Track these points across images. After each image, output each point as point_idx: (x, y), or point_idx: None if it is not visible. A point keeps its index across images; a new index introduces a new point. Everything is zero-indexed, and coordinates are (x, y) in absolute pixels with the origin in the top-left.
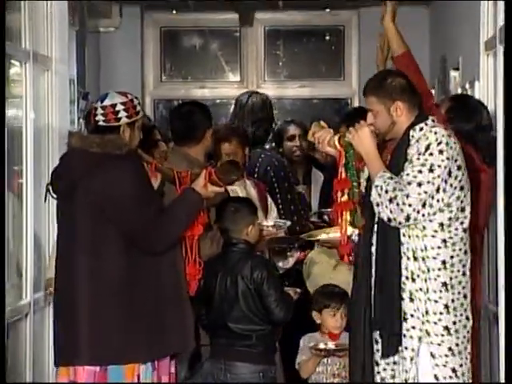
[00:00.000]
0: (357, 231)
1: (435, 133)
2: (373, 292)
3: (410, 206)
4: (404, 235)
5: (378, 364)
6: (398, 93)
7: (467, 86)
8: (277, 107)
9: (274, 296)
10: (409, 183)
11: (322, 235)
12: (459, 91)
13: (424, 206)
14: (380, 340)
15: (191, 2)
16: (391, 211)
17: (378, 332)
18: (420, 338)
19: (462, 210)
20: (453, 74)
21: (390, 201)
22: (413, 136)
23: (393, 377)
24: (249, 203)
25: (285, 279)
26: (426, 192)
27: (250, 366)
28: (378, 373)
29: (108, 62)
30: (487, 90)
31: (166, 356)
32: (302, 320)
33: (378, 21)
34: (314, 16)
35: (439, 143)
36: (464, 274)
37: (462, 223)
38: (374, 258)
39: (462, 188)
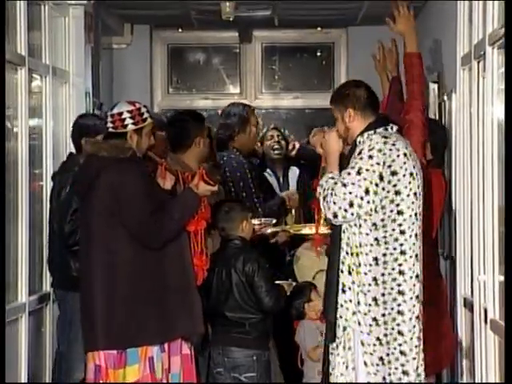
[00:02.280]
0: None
1: (370, 139)
2: None
3: (334, 203)
4: (344, 232)
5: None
6: (350, 101)
7: (445, 97)
8: (273, 117)
9: (265, 287)
10: (335, 183)
11: (305, 230)
12: (437, 102)
13: (352, 205)
14: None
15: (195, 22)
16: (323, 208)
17: None
18: (345, 328)
19: (400, 212)
20: (432, 86)
21: (324, 198)
22: (360, 142)
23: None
24: (240, 202)
25: (277, 272)
26: (350, 192)
27: (244, 350)
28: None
29: (120, 76)
30: (463, 101)
31: (174, 339)
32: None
33: (363, 38)
34: (307, 34)
35: (370, 149)
36: (401, 272)
37: (400, 225)
38: None
39: (398, 192)
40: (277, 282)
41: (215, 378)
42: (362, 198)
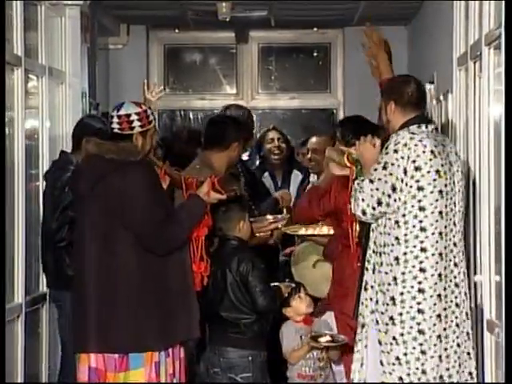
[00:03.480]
0: None
1: (398, 135)
2: None
3: (362, 200)
4: (373, 231)
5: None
6: (394, 95)
7: (441, 98)
8: (269, 117)
9: (258, 287)
10: (363, 180)
11: (301, 230)
12: (434, 103)
13: (380, 204)
14: None
15: (192, 22)
16: (353, 206)
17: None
18: (363, 325)
19: (422, 209)
20: (428, 86)
21: (353, 196)
22: (391, 138)
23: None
24: (238, 202)
25: (273, 273)
26: (377, 189)
27: (239, 351)
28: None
29: (116, 76)
30: (459, 102)
31: (177, 343)
32: None
33: (360, 39)
34: (303, 34)
35: (396, 143)
36: (421, 269)
37: (420, 221)
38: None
39: (420, 188)
40: (276, 283)
41: (212, 379)
42: (389, 196)
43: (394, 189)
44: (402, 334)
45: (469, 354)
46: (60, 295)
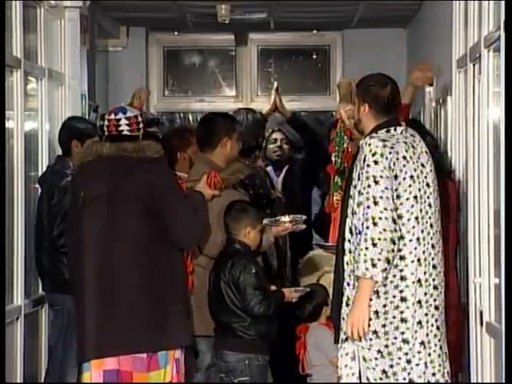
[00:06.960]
0: None
1: (369, 144)
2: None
3: (386, 251)
4: (350, 241)
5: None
6: (369, 98)
7: (440, 100)
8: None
9: (248, 292)
10: (364, 240)
11: None
12: (433, 105)
13: (394, 243)
14: None
15: (191, 24)
16: (375, 274)
17: None
18: (347, 339)
19: (399, 217)
20: (427, 89)
21: (373, 264)
22: (362, 146)
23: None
24: (255, 208)
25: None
26: (384, 229)
27: (236, 354)
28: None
29: (116, 78)
30: (458, 104)
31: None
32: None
33: (359, 41)
34: (302, 37)
35: (373, 154)
36: (402, 278)
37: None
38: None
39: (397, 196)
40: (284, 289)
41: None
42: (399, 235)
43: (398, 217)
44: (386, 346)
45: (445, 354)
46: (59, 299)
